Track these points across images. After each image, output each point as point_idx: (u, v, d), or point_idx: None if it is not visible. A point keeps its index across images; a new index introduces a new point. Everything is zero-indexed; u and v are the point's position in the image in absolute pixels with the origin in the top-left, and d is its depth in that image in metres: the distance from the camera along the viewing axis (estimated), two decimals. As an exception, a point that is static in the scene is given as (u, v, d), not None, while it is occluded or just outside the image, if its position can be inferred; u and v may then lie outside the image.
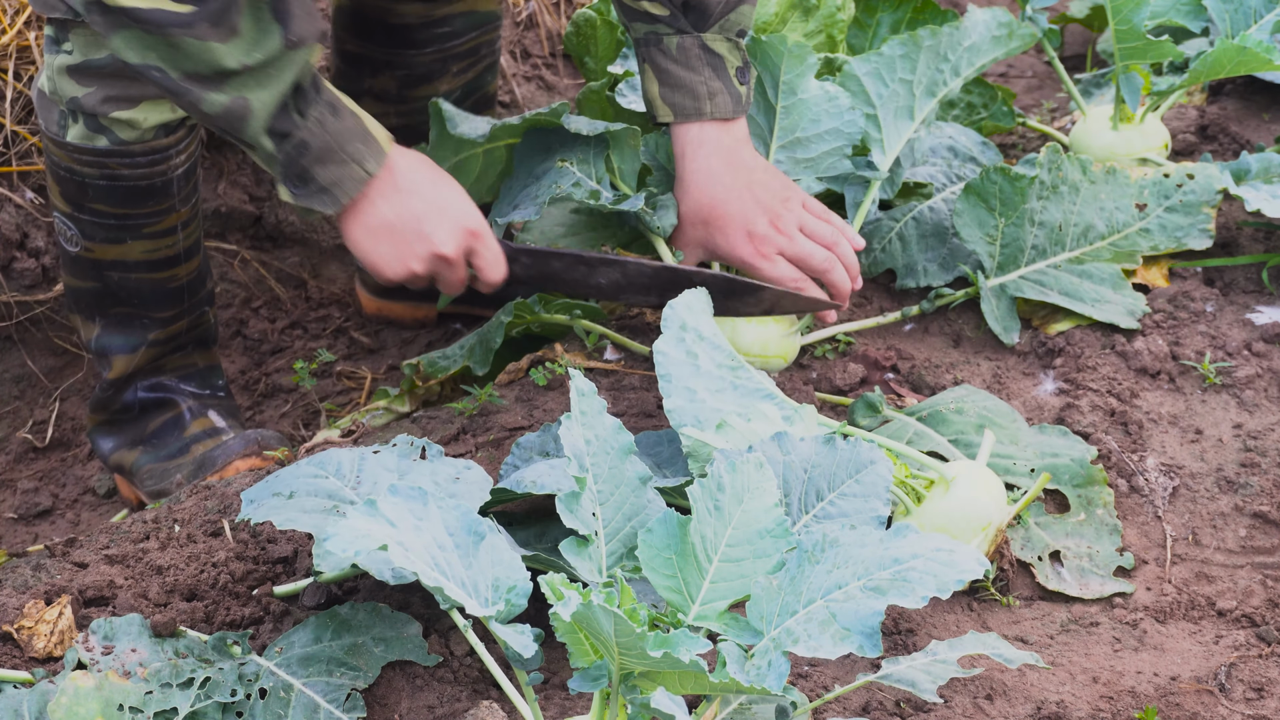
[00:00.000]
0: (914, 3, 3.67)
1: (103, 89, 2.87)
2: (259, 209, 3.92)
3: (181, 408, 3.23)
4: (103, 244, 3.05)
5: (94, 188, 2.97)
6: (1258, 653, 2.57)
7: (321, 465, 2.55)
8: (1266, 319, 3.16)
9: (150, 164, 2.96)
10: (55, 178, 3.01)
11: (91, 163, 2.95)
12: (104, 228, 3.03)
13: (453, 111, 3.14)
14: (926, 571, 2.13)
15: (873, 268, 3.27)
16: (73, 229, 3.05)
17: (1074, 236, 3.18)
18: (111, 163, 2.94)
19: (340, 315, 3.85)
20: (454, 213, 2.78)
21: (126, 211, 3.01)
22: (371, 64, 3.45)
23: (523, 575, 2.19)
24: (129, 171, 2.95)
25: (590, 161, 3.06)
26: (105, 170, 2.95)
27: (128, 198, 2.99)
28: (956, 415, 2.87)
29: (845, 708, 2.41)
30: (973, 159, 3.44)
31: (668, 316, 2.67)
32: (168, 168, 2.98)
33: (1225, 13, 3.56)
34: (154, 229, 3.05)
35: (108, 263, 3.08)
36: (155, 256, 3.08)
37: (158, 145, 2.94)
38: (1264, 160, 3.31)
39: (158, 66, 2.60)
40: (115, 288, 3.11)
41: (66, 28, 2.85)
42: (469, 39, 3.44)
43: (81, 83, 2.87)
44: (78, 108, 2.89)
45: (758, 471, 2.20)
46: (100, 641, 2.39)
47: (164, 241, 3.08)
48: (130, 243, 3.05)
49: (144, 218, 3.03)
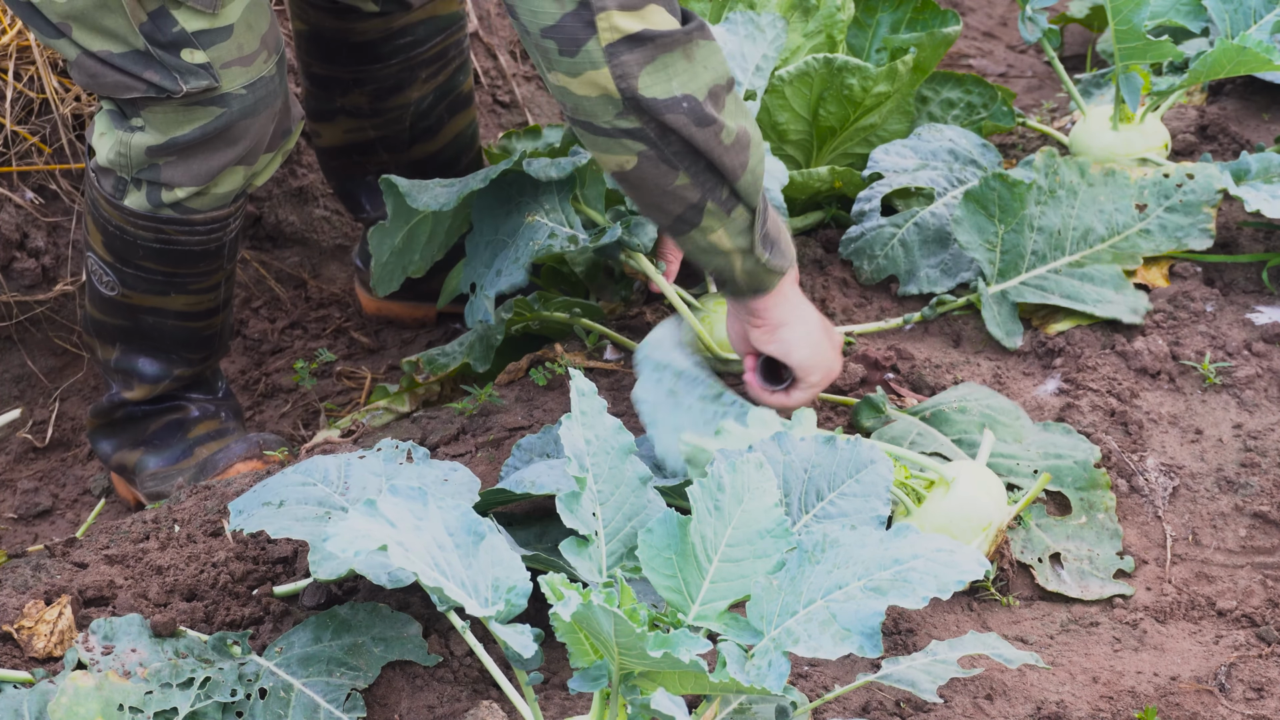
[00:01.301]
0: (914, 2, 3.67)
1: (185, 165, 2.86)
2: (259, 209, 3.92)
3: (187, 410, 3.23)
4: (143, 294, 3.05)
5: (146, 249, 2.98)
6: (1258, 653, 2.57)
7: (308, 473, 2.55)
8: (1266, 319, 3.16)
9: (208, 232, 2.98)
10: (101, 230, 3.00)
11: (148, 227, 2.95)
12: (148, 282, 3.03)
13: (407, 185, 3.08)
14: (927, 572, 2.13)
15: (875, 274, 3.26)
16: (111, 276, 3.04)
17: (1073, 240, 3.18)
18: (170, 229, 2.94)
19: (340, 315, 3.85)
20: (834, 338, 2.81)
21: (175, 271, 3.02)
22: (340, 84, 3.43)
23: (523, 575, 2.19)
24: (186, 238, 2.96)
25: (558, 208, 3.03)
26: (161, 235, 2.95)
27: (181, 260, 3.00)
28: (960, 414, 2.87)
29: (845, 708, 2.41)
30: (973, 161, 3.44)
31: (639, 361, 2.67)
32: (224, 233, 3.00)
33: (1225, 13, 3.56)
34: (200, 286, 3.07)
35: (145, 309, 3.08)
36: (197, 309, 3.10)
37: (218, 216, 2.95)
38: (1264, 160, 3.30)
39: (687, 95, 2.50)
40: (148, 330, 3.11)
41: (137, 106, 2.83)
42: (434, 44, 3.43)
43: (164, 159, 2.86)
44: (153, 180, 2.88)
45: (758, 471, 2.20)
46: (100, 641, 2.39)
47: (207, 296, 3.09)
48: (173, 295, 3.06)
49: (192, 277, 3.04)
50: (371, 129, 3.45)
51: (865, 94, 3.38)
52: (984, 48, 4.69)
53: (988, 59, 4.62)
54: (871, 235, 3.29)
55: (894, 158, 3.41)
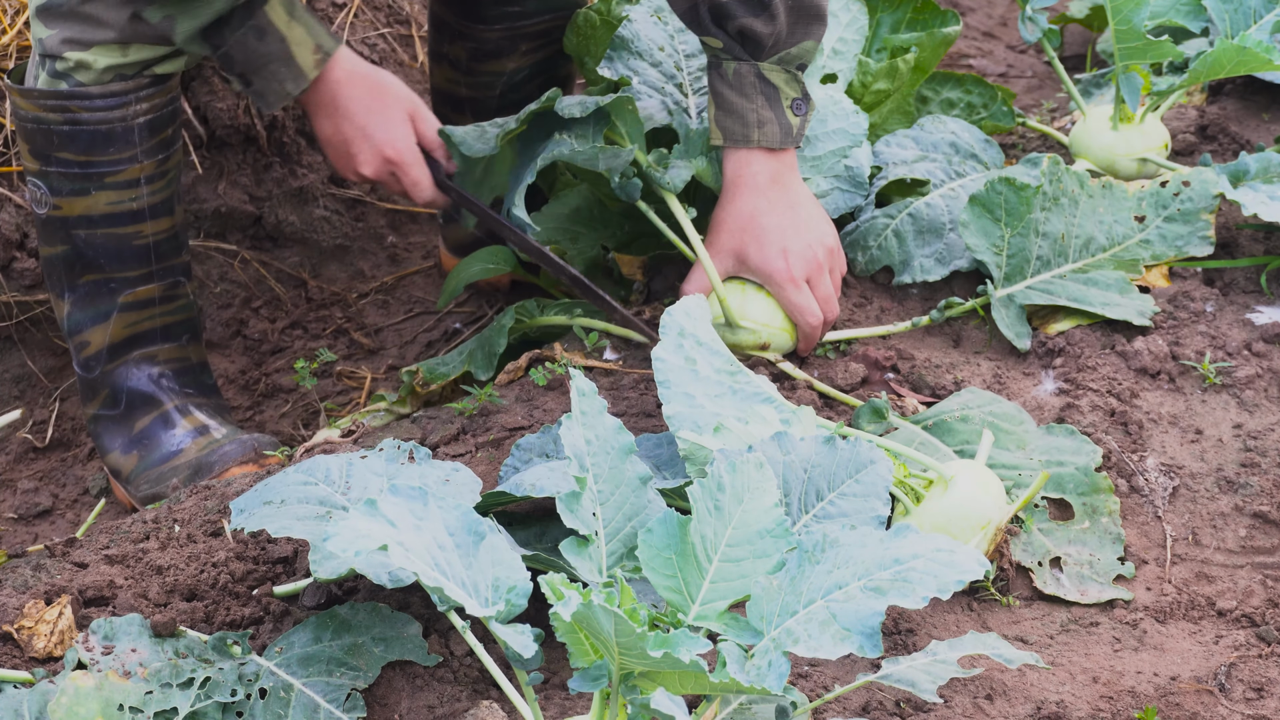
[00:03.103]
0: (914, 3, 3.67)
1: (62, 30, 3.02)
2: (259, 209, 3.92)
3: (168, 405, 3.23)
4: (69, 198, 3.13)
5: (58, 134, 3.09)
6: (1258, 653, 2.57)
7: (310, 472, 2.55)
8: (1266, 319, 3.16)
9: (108, 107, 3.07)
10: (24, 135, 3.14)
11: (55, 107, 3.07)
12: (69, 178, 3.12)
13: (461, 134, 3.15)
14: (927, 572, 2.13)
15: (869, 265, 3.27)
16: (42, 187, 3.15)
17: (1076, 248, 3.18)
18: (73, 105, 3.06)
19: (340, 315, 3.85)
20: (376, 140, 3.12)
21: (89, 158, 3.11)
22: (450, 30, 3.51)
23: (523, 575, 2.19)
24: (89, 115, 3.07)
25: (589, 137, 3.08)
26: (68, 114, 3.07)
27: (90, 143, 3.10)
28: (962, 424, 2.87)
29: (845, 708, 2.41)
30: (974, 155, 3.44)
31: (666, 323, 2.67)
32: (127, 113, 3.09)
33: (1225, 13, 3.56)
34: (116, 179, 3.14)
35: (74, 219, 3.15)
36: (119, 209, 3.16)
37: (115, 89, 3.06)
38: (1263, 160, 3.30)
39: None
40: (83, 247, 3.17)
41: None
42: (541, 20, 3.45)
43: (47, 24, 3.03)
44: (44, 51, 3.04)
45: (758, 471, 2.20)
46: (100, 641, 2.39)
47: (127, 194, 3.15)
48: (94, 194, 3.14)
49: (106, 166, 3.12)
50: (464, 87, 3.53)
51: (865, 90, 3.38)
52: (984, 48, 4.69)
53: (988, 59, 4.62)
54: (865, 227, 3.29)
55: (895, 149, 3.42)
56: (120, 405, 3.24)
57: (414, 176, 3.15)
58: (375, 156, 3.13)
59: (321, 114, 3.13)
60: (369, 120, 3.12)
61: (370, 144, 3.12)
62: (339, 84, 3.11)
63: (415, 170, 3.15)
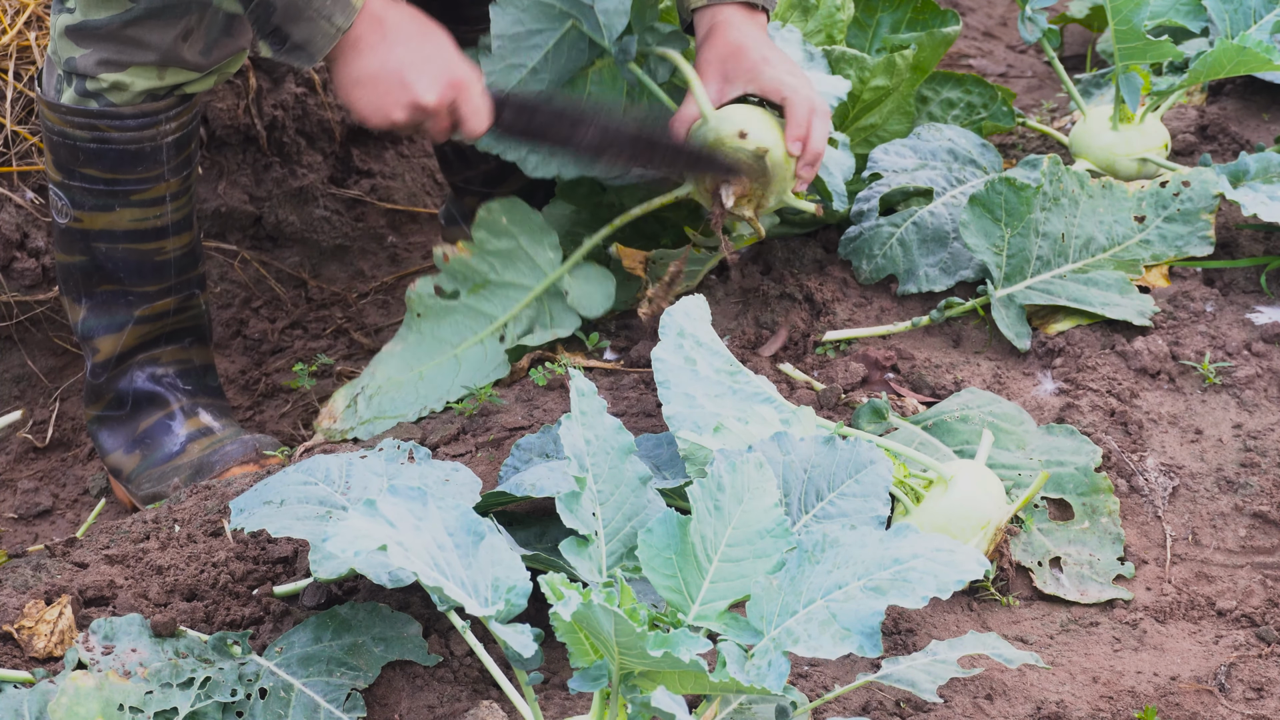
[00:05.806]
0: (914, 2, 3.67)
1: (97, 51, 2.95)
2: (259, 209, 3.92)
3: (173, 406, 3.23)
4: (92, 212, 3.10)
5: (85, 151, 3.04)
6: (1258, 653, 2.57)
7: (310, 472, 2.55)
8: (1266, 319, 3.16)
9: (139, 127, 3.03)
10: (49, 145, 3.09)
11: (83, 125, 3.02)
12: (93, 194, 3.09)
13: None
14: (927, 571, 2.13)
15: (874, 273, 3.26)
16: (64, 199, 3.11)
17: (1076, 249, 3.18)
18: (102, 124, 3.01)
19: (340, 315, 3.85)
20: (439, 62, 2.82)
21: (115, 176, 3.07)
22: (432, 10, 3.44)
23: (522, 575, 2.19)
24: (118, 134, 3.02)
25: None
26: (96, 133, 3.02)
27: (118, 162, 3.05)
28: (962, 424, 2.87)
29: (845, 708, 2.41)
30: (972, 161, 3.44)
31: (665, 324, 2.67)
32: (157, 133, 3.05)
33: (1225, 13, 3.56)
34: (142, 197, 3.10)
35: (96, 233, 3.12)
36: (143, 226, 3.12)
37: (147, 109, 3.01)
38: (1263, 160, 3.30)
39: None
40: (102, 260, 3.14)
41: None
42: None
43: (79, 44, 2.96)
44: (73, 69, 2.98)
45: (758, 471, 2.20)
46: (100, 641, 2.39)
47: (152, 211, 3.12)
48: (119, 210, 3.10)
49: (133, 184, 3.09)
50: None
51: (863, 86, 3.38)
52: (984, 48, 4.69)
53: (988, 59, 4.62)
54: (870, 234, 3.29)
55: (893, 157, 3.41)
56: (126, 407, 3.24)
57: (479, 100, 2.87)
58: (438, 80, 2.81)
59: (363, 48, 2.80)
60: (424, 44, 2.83)
61: (431, 67, 2.81)
62: (385, 10, 2.82)
63: (478, 93, 2.88)
